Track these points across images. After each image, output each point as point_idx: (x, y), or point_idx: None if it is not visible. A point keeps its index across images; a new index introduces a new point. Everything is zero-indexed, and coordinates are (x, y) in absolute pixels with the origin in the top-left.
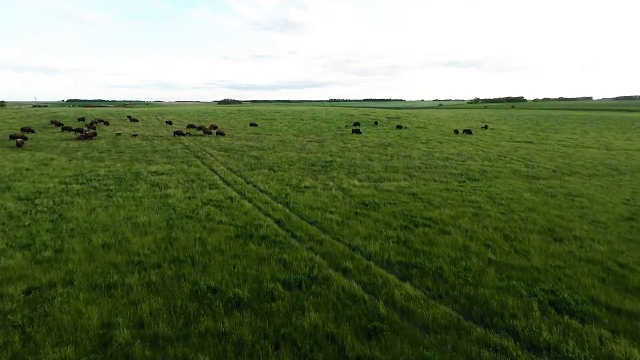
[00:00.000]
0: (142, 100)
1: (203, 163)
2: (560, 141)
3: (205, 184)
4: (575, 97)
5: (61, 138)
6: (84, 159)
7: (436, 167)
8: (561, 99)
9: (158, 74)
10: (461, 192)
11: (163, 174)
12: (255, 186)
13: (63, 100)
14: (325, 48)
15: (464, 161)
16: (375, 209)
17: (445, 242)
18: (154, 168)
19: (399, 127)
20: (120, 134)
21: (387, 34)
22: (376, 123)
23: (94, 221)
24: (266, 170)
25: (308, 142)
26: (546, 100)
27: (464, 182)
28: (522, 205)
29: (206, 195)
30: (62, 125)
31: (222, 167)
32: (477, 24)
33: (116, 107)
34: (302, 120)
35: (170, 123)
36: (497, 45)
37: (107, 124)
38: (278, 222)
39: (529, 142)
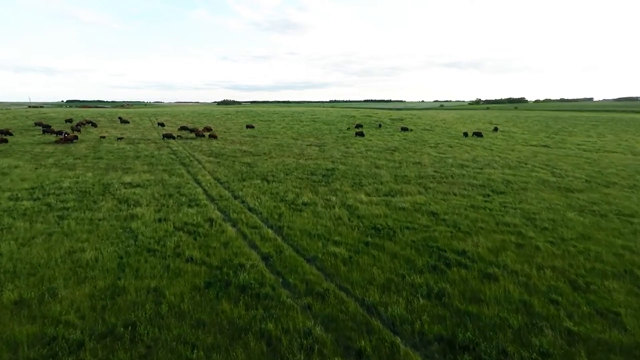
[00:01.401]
0: (141, 100)
1: (188, 171)
2: (578, 145)
3: (184, 199)
4: (576, 97)
5: (39, 141)
6: (52, 167)
7: (452, 177)
8: (562, 100)
9: (158, 75)
10: (489, 210)
11: (138, 185)
12: (243, 202)
13: (62, 101)
14: (325, 49)
15: (482, 168)
16: (390, 237)
17: (495, 296)
18: (128, 178)
19: (404, 129)
20: (104, 137)
21: (386, 34)
22: (380, 125)
23: (23, 258)
24: (258, 181)
25: (307, 145)
26: (547, 101)
27: (489, 195)
28: (572, 230)
29: (181, 216)
30: (48, 126)
31: (208, 177)
32: (476, 25)
33: (113, 107)
34: (301, 121)
35: (162, 125)
36: (496, 46)
37: (94, 125)
38: (266, 258)
39: (546, 146)
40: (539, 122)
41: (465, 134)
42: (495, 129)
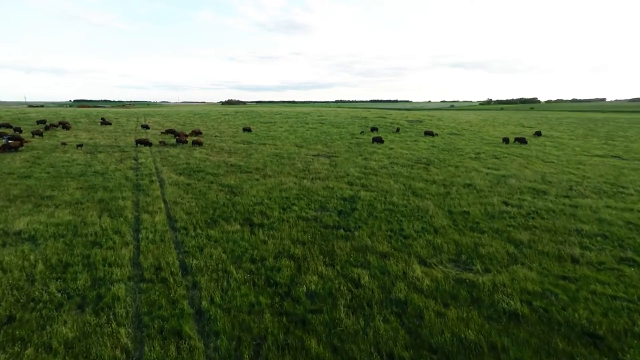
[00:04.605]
0: (148, 100)
1: (135, 203)
2: None
3: (81, 281)
4: (588, 98)
5: None
6: None
7: (538, 214)
8: (574, 100)
9: (165, 75)
10: None
11: (29, 238)
12: (194, 287)
13: (70, 101)
14: (330, 49)
15: (568, 197)
16: None
17: None
18: (25, 221)
19: (428, 134)
20: (65, 144)
21: (391, 35)
22: (398, 129)
23: None
24: (237, 226)
25: (314, 156)
26: (559, 101)
27: (635, 262)
28: None
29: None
30: (18, 129)
31: (159, 217)
32: (482, 26)
33: (112, 107)
34: (307, 123)
35: (146, 127)
36: (503, 46)
37: (66, 127)
38: None
39: (617, 157)
40: (576, 124)
41: (506, 140)
42: (538, 134)
